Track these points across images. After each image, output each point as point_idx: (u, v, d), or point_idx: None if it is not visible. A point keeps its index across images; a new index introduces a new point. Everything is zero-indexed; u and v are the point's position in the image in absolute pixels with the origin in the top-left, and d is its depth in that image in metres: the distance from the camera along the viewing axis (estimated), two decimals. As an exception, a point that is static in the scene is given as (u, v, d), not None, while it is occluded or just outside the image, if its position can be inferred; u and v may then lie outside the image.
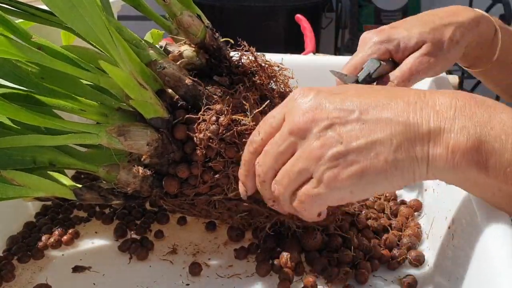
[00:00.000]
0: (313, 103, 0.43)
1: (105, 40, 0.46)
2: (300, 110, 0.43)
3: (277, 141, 0.44)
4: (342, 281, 0.52)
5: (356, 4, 2.16)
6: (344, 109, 0.42)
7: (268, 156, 0.44)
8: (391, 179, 0.41)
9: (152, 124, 0.51)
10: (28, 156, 0.51)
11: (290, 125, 0.43)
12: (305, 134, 0.42)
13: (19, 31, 0.49)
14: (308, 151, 0.42)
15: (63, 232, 0.61)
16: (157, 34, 0.71)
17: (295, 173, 0.43)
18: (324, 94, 0.43)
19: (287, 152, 0.43)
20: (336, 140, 0.41)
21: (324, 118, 0.42)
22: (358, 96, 0.42)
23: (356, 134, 0.41)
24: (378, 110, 0.41)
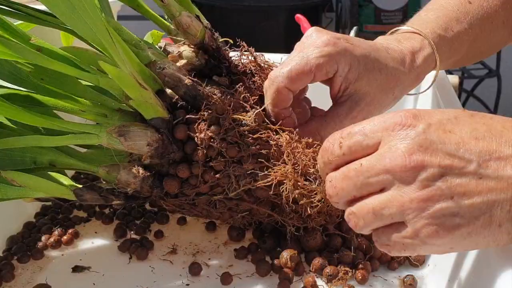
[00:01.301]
0: (422, 140, 0.36)
1: (104, 41, 0.46)
2: (405, 148, 0.36)
3: (366, 172, 0.37)
4: (342, 281, 0.52)
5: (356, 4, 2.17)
6: (460, 157, 0.35)
7: (348, 182, 0.39)
8: (499, 242, 0.36)
9: (152, 124, 0.51)
10: (28, 157, 0.51)
11: (391, 164, 0.36)
12: (408, 179, 0.36)
13: (18, 33, 0.49)
14: (409, 199, 0.35)
15: (63, 232, 0.61)
16: (157, 35, 0.71)
17: (384, 216, 0.37)
18: (435, 129, 0.36)
19: (376, 186, 0.37)
20: (446, 194, 0.35)
21: (435, 165, 0.35)
22: (476, 140, 0.36)
23: (471, 190, 0.35)
24: (500, 164, 0.35)
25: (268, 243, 0.58)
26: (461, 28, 0.62)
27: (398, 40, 0.58)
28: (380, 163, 0.37)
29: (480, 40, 0.65)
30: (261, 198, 0.54)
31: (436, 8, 0.64)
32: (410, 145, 0.36)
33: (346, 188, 0.39)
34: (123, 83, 0.48)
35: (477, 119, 0.38)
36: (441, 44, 0.60)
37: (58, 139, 0.49)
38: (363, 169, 0.37)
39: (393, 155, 0.36)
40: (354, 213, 0.39)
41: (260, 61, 0.57)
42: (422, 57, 0.57)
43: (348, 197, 0.39)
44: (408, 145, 0.36)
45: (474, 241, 0.36)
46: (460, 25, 0.62)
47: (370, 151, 0.38)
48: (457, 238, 0.35)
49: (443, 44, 0.60)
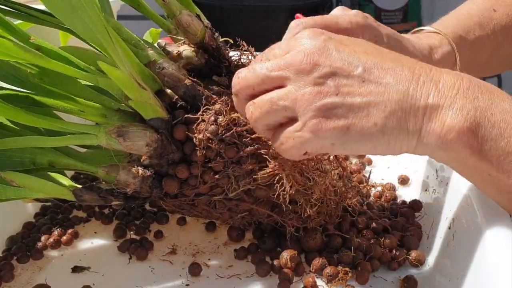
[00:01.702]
0: (320, 46, 0.42)
1: (103, 41, 0.46)
2: (306, 49, 0.42)
3: (269, 66, 0.43)
4: (342, 281, 0.52)
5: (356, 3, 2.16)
6: (350, 62, 0.41)
7: (252, 73, 0.44)
8: (375, 144, 0.41)
9: (151, 124, 0.51)
10: (27, 157, 0.51)
11: (291, 60, 0.42)
12: (303, 74, 0.41)
13: (18, 32, 0.49)
14: (302, 92, 0.41)
15: (63, 232, 0.61)
16: (155, 32, 0.71)
17: (279, 106, 0.42)
18: (333, 41, 0.42)
19: (275, 81, 0.43)
20: (333, 91, 0.41)
21: (327, 65, 0.41)
22: (366, 54, 0.42)
23: (354, 90, 0.41)
24: (381, 73, 0.41)
25: (268, 243, 0.58)
26: (483, 33, 0.64)
27: (418, 37, 0.62)
28: (283, 59, 0.42)
29: (503, 48, 0.67)
30: (260, 198, 0.54)
31: (460, 14, 0.67)
32: (310, 48, 0.42)
33: (249, 78, 0.44)
34: (122, 83, 0.48)
35: (372, 44, 0.44)
36: (461, 44, 0.63)
37: (57, 140, 0.49)
38: (268, 65, 0.43)
39: (295, 53, 0.42)
40: (254, 103, 0.44)
41: (260, 61, 0.57)
42: (441, 53, 0.61)
43: (248, 89, 0.44)
44: (309, 47, 0.42)
45: (353, 139, 0.41)
46: (482, 30, 0.64)
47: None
48: (337, 132, 0.41)
49: (464, 45, 0.63)
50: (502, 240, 0.42)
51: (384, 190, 0.69)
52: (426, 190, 0.66)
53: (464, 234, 0.50)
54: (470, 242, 0.47)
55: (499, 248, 0.41)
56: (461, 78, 0.41)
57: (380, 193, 0.68)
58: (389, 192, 0.68)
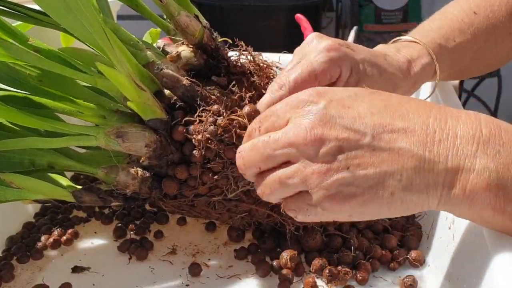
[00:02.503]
0: (322, 115, 0.39)
1: (101, 42, 0.46)
2: (307, 122, 0.39)
3: (273, 144, 0.41)
4: (342, 281, 0.52)
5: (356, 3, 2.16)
6: (356, 130, 0.38)
7: (255, 153, 0.42)
8: (394, 210, 0.39)
9: (150, 125, 0.51)
10: (26, 159, 0.51)
11: (294, 137, 0.39)
12: (309, 152, 0.39)
13: (16, 34, 0.49)
14: (310, 171, 0.39)
15: (62, 232, 0.61)
16: (155, 32, 0.71)
17: (288, 185, 0.40)
18: (334, 105, 0.39)
19: (282, 158, 0.41)
20: (343, 166, 0.38)
21: (333, 138, 0.38)
22: (371, 115, 0.39)
23: (365, 161, 0.38)
24: (392, 137, 0.38)
25: (268, 243, 0.58)
26: (463, 39, 0.63)
27: (397, 49, 0.60)
28: (285, 136, 0.40)
29: (485, 51, 0.66)
30: (259, 199, 0.54)
31: (440, 18, 0.65)
32: (312, 120, 0.39)
33: (252, 158, 0.42)
34: (120, 84, 0.48)
35: (376, 95, 0.41)
36: (441, 53, 0.61)
37: (57, 141, 0.49)
38: (270, 141, 0.41)
39: (297, 129, 0.39)
40: (264, 183, 0.42)
41: (258, 61, 0.57)
42: (420, 65, 0.58)
43: (255, 168, 0.42)
44: (310, 120, 0.39)
45: (371, 210, 0.39)
46: (463, 35, 0.63)
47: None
48: (353, 206, 0.38)
49: (444, 54, 0.61)
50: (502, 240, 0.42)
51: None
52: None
53: (464, 234, 0.49)
54: (470, 242, 0.47)
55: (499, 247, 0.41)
56: (480, 126, 0.38)
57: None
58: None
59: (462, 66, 0.65)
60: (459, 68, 0.65)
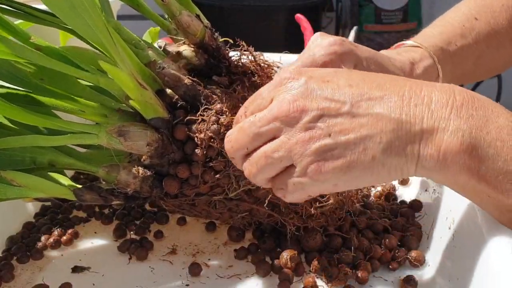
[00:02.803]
0: (303, 89, 0.41)
1: (105, 41, 0.46)
2: (289, 96, 0.41)
3: (258, 122, 0.42)
4: (342, 281, 0.52)
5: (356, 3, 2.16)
6: (335, 100, 0.40)
7: (242, 134, 0.43)
8: (377, 175, 0.40)
9: (152, 124, 0.51)
10: (27, 157, 0.51)
11: (278, 111, 0.41)
12: (293, 122, 0.41)
13: (18, 32, 0.49)
14: (294, 140, 0.40)
15: (63, 232, 0.61)
16: (154, 31, 0.71)
17: (275, 159, 0.41)
18: (315, 80, 0.41)
19: (267, 135, 0.42)
20: (325, 133, 0.40)
21: (314, 108, 0.40)
22: (350, 86, 0.41)
23: (345, 127, 0.40)
24: (370, 104, 0.40)
25: (268, 243, 0.58)
26: (465, 43, 0.64)
27: (398, 53, 0.61)
28: (270, 112, 0.41)
29: (487, 57, 0.66)
30: (261, 198, 0.54)
31: (441, 24, 0.66)
32: (294, 94, 0.41)
33: (240, 139, 0.43)
34: (123, 83, 0.48)
35: (354, 72, 0.43)
36: (443, 56, 0.62)
37: (58, 139, 0.49)
38: (256, 120, 0.42)
39: (280, 103, 0.41)
40: (249, 160, 0.43)
41: (259, 61, 0.57)
42: (422, 67, 0.60)
43: (242, 150, 0.43)
44: (292, 94, 0.41)
45: (354, 176, 0.40)
46: (464, 40, 0.64)
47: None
48: (337, 172, 0.40)
49: (445, 57, 0.62)
50: (502, 240, 0.42)
51: (384, 190, 0.69)
52: (426, 190, 0.66)
53: (464, 234, 0.50)
54: (470, 242, 0.47)
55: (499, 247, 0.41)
56: (454, 94, 0.40)
57: (380, 193, 0.68)
58: (389, 192, 0.68)
59: (464, 70, 0.65)
60: (461, 72, 0.65)
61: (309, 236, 0.56)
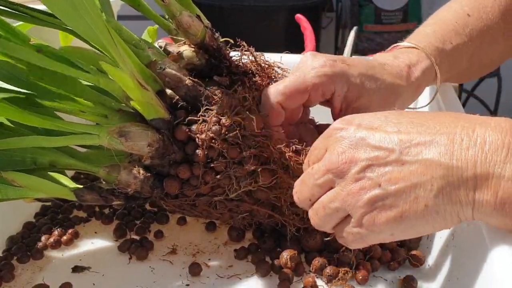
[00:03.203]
0: (352, 139, 0.41)
1: (105, 41, 0.46)
2: (339, 147, 0.41)
3: (315, 174, 0.43)
4: (342, 281, 0.52)
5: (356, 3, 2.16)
6: (384, 148, 0.39)
7: (304, 186, 0.44)
8: (433, 223, 0.39)
9: (153, 125, 0.51)
10: (28, 157, 0.51)
11: (329, 163, 0.41)
12: (343, 174, 0.40)
13: (18, 33, 0.49)
14: (346, 192, 0.40)
15: (63, 232, 0.61)
16: (152, 30, 0.71)
17: (331, 209, 0.42)
18: (363, 128, 0.41)
19: (324, 186, 0.42)
20: (375, 183, 0.39)
21: (363, 158, 0.40)
22: (398, 132, 0.40)
23: (395, 176, 0.39)
24: (419, 150, 0.38)
25: (268, 243, 0.58)
26: (460, 41, 0.63)
27: (395, 56, 0.60)
28: (323, 164, 0.42)
29: (481, 52, 0.66)
30: (261, 199, 0.54)
31: (434, 23, 0.65)
32: (343, 145, 0.41)
33: (303, 191, 0.44)
34: (124, 83, 0.48)
35: (404, 114, 0.42)
36: (440, 56, 0.61)
37: (59, 140, 0.49)
38: (313, 172, 0.43)
39: (331, 155, 0.41)
40: (312, 210, 0.44)
41: (260, 61, 0.57)
42: (420, 69, 0.59)
43: (306, 202, 0.44)
44: (341, 145, 0.41)
45: (409, 225, 0.39)
46: (459, 37, 0.63)
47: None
48: (391, 223, 0.39)
49: (442, 57, 0.61)
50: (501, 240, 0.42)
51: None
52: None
53: (464, 234, 0.50)
54: (470, 242, 0.47)
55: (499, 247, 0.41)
56: (510, 133, 0.37)
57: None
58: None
59: (459, 69, 0.65)
60: (457, 71, 0.65)
61: (309, 236, 0.56)
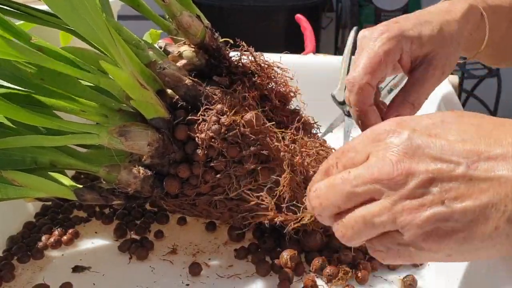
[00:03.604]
0: (407, 146, 0.35)
1: (106, 41, 0.46)
2: (392, 155, 0.35)
3: (353, 181, 0.36)
4: (342, 281, 0.52)
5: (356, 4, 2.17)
6: (447, 160, 0.34)
7: (334, 191, 0.37)
8: (499, 247, 0.34)
9: (153, 124, 0.51)
10: (28, 157, 0.51)
11: (378, 173, 0.35)
12: (397, 187, 0.35)
13: (19, 32, 0.49)
14: (400, 208, 0.35)
15: (63, 232, 0.61)
16: (155, 33, 0.71)
17: (375, 224, 0.36)
18: (420, 134, 0.36)
19: (365, 196, 0.36)
20: (437, 200, 0.34)
21: (423, 171, 0.34)
22: (463, 142, 0.35)
23: (462, 193, 0.34)
24: (490, 165, 0.34)
25: (268, 243, 0.58)
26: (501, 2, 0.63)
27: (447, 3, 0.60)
28: (368, 172, 0.36)
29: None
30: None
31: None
32: (396, 153, 0.35)
33: (331, 198, 0.37)
34: (124, 83, 0.48)
35: (465, 119, 0.37)
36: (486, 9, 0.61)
37: (59, 139, 0.49)
38: (351, 177, 0.37)
39: (381, 164, 0.35)
40: (343, 222, 0.37)
41: (260, 61, 0.57)
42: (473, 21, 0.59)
43: (332, 209, 0.38)
44: (394, 153, 0.35)
45: (473, 247, 0.35)
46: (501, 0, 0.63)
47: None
48: (453, 244, 0.35)
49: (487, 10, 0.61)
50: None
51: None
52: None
53: (463, 234, 0.50)
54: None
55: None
56: None
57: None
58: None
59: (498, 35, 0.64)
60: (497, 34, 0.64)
61: (309, 236, 0.56)
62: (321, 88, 0.58)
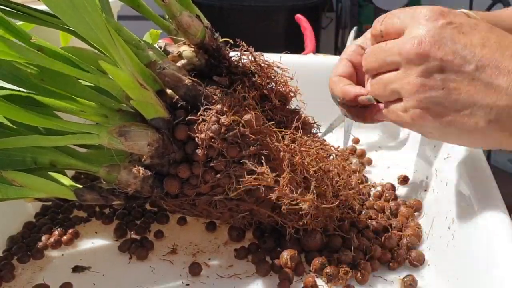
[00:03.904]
0: (435, 34, 0.41)
1: (105, 41, 0.46)
2: (419, 36, 0.41)
3: (387, 51, 0.44)
4: (342, 281, 0.52)
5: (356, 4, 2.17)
6: (462, 57, 0.40)
7: (373, 58, 0.46)
8: (473, 140, 0.41)
9: (152, 124, 0.51)
10: (28, 157, 0.51)
11: (402, 47, 0.42)
12: (412, 64, 0.41)
13: (19, 32, 0.49)
14: (407, 81, 0.42)
15: (63, 232, 0.61)
16: (155, 33, 0.71)
17: (388, 89, 0.44)
18: (451, 29, 0.41)
19: (391, 65, 0.44)
20: (439, 85, 0.40)
21: (438, 57, 0.40)
22: (482, 46, 0.40)
23: (461, 87, 0.40)
24: (495, 72, 0.39)
25: (268, 243, 0.58)
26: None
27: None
28: (397, 46, 0.43)
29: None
30: (261, 198, 0.54)
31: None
32: (424, 35, 0.41)
33: (372, 62, 0.46)
34: (124, 83, 0.48)
35: (494, 30, 0.41)
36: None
37: (59, 139, 0.49)
38: (386, 48, 0.44)
39: (408, 40, 0.42)
40: (372, 81, 0.47)
41: (259, 61, 0.57)
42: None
43: (372, 72, 0.47)
44: (422, 33, 0.41)
45: (451, 133, 0.41)
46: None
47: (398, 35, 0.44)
48: (436, 125, 0.41)
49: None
50: (502, 240, 0.42)
51: (384, 190, 0.69)
52: (426, 190, 0.66)
53: (463, 234, 0.50)
54: (470, 242, 0.47)
55: (499, 248, 0.42)
56: None
57: (380, 193, 0.68)
58: (389, 192, 0.68)
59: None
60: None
61: (309, 236, 0.56)
62: (321, 88, 0.58)
